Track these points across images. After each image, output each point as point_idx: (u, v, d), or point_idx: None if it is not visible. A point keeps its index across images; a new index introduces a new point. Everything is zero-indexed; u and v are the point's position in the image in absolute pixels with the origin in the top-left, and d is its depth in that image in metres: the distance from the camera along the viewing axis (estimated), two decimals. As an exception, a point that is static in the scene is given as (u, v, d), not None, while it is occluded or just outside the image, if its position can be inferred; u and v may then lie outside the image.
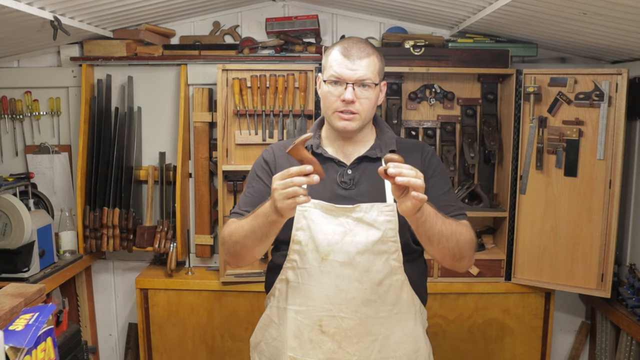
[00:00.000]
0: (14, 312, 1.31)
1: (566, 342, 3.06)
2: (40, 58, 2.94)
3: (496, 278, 2.72)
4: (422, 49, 2.65)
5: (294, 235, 1.56)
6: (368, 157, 1.60)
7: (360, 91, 1.52)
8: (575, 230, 2.58)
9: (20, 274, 2.45)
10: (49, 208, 2.85)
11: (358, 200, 1.54)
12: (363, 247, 1.52)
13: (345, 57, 1.52)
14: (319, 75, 1.61)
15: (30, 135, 2.98)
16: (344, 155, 1.62)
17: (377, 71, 1.54)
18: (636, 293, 2.48)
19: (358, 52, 1.52)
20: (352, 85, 1.51)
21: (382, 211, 1.53)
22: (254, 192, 1.63)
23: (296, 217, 1.53)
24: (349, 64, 1.51)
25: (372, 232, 1.52)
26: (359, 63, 1.51)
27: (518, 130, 2.62)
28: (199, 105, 2.83)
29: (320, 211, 1.54)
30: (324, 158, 1.58)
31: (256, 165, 1.67)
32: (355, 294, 1.53)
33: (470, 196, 2.79)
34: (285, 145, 1.59)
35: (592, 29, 2.16)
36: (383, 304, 1.55)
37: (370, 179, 1.57)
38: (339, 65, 1.52)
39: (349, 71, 1.51)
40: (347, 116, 1.53)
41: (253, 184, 1.65)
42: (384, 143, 1.62)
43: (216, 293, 2.79)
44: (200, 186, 2.87)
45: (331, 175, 1.57)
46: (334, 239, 1.52)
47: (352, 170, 1.58)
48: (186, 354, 2.85)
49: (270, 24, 2.81)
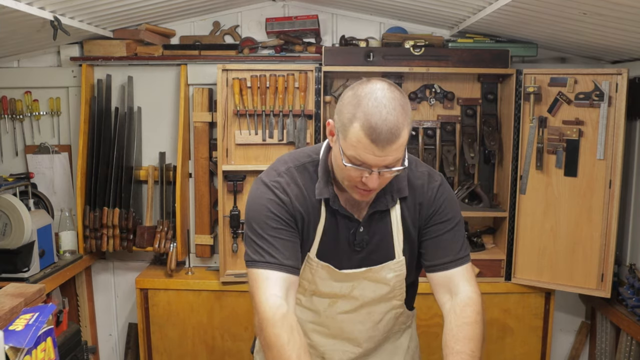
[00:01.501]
0: (14, 312, 1.31)
1: (566, 342, 3.06)
2: (40, 58, 2.94)
3: (496, 278, 2.72)
4: (422, 49, 2.65)
5: (300, 281, 1.44)
6: (379, 210, 1.42)
7: (385, 172, 1.26)
8: (575, 230, 2.58)
9: (20, 274, 2.45)
10: (49, 208, 2.85)
11: (369, 259, 1.45)
12: (370, 300, 1.51)
13: (373, 142, 1.19)
14: (331, 122, 1.31)
15: (30, 135, 2.98)
16: (355, 208, 1.42)
17: (405, 144, 1.25)
18: (636, 293, 2.48)
19: (389, 136, 1.18)
20: (378, 170, 1.24)
21: (392, 269, 1.46)
22: (282, 235, 1.35)
23: (303, 266, 1.44)
24: (376, 151, 1.20)
25: (380, 286, 1.49)
26: (389, 149, 1.20)
27: (518, 130, 2.62)
28: (199, 105, 2.83)
29: (328, 273, 1.46)
30: (339, 214, 1.40)
31: (267, 210, 1.36)
32: (359, 334, 1.55)
33: (470, 196, 2.79)
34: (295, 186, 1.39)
35: (592, 29, 2.16)
36: (381, 335, 1.59)
37: (380, 233, 1.44)
38: (364, 150, 1.20)
39: (376, 158, 1.21)
40: (367, 193, 1.31)
41: (273, 224, 1.35)
42: (395, 189, 1.41)
43: (216, 293, 2.79)
44: (200, 186, 2.87)
45: (344, 233, 1.42)
46: (341, 292, 1.50)
47: (363, 228, 1.42)
48: (186, 354, 2.85)
49: (270, 24, 2.81)
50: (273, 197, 1.36)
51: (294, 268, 1.34)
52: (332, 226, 1.41)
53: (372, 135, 1.18)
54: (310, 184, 1.40)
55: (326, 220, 1.40)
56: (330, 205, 1.38)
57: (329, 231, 1.42)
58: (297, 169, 1.41)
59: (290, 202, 1.37)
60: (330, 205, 1.39)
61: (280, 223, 1.35)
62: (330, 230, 1.41)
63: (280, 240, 1.34)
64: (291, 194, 1.38)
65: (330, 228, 1.41)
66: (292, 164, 1.42)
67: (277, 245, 1.33)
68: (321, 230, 1.41)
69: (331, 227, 1.41)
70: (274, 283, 1.31)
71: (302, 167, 1.42)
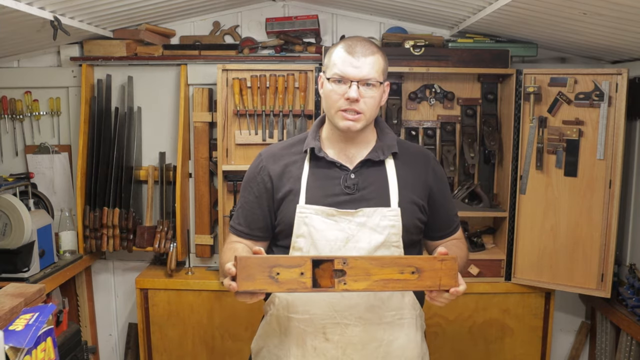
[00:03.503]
0: (14, 312, 1.31)
1: (566, 342, 3.06)
2: (40, 58, 2.94)
3: (496, 278, 2.72)
4: (422, 49, 2.65)
5: (294, 242, 1.53)
6: (371, 160, 1.56)
7: (364, 90, 1.47)
8: (575, 230, 2.58)
9: (20, 274, 2.45)
10: (49, 208, 2.85)
11: (361, 206, 1.51)
12: (366, 253, 1.49)
13: (349, 54, 1.47)
14: (321, 75, 1.57)
15: (30, 135, 2.98)
16: (346, 158, 1.57)
17: (381, 70, 1.50)
18: (636, 293, 2.48)
19: (363, 50, 1.47)
20: (357, 83, 1.46)
21: (386, 216, 1.50)
22: (246, 206, 1.63)
23: (296, 223, 1.51)
24: (353, 62, 1.46)
25: (375, 236, 1.50)
26: (363, 60, 1.46)
27: (518, 130, 2.62)
28: (199, 105, 2.83)
29: (322, 217, 1.51)
30: (326, 162, 1.55)
31: (250, 174, 1.64)
32: (359, 300, 1.52)
33: (470, 196, 2.79)
34: (278, 149, 1.63)
35: (592, 29, 2.16)
36: (386, 309, 1.54)
37: (374, 183, 1.54)
38: (343, 63, 1.47)
39: (353, 69, 1.46)
40: (352, 116, 1.49)
41: (245, 194, 1.64)
42: (386, 145, 1.58)
43: (216, 293, 2.79)
44: (200, 186, 2.87)
45: (334, 180, 1.54)
46: (336, 246, 1.50)
47: (355, 175, 1.54)
48: (186, 354, 2.85)
49: (270, 24, 2.81)
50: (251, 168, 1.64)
51: (245, 234, 1.63)
52: (318, 173, 1.55)
53: (349, 48, 1.48)
54: (298, 147, 1.61)
55: (310, 168, 1.56)
56: (315, 153, 1.55)
57: (316, 177, 1.55)
58: (287, 141, 1.67)
59: (264, 166, 1.60)
60: (316, 154, 1.55)
61: (251, 194, 1.61)
62: (317, 177, 1.55)
63: (244, 212, 1.63)
64: (267, 159, 1.61)
65: (316, 175, 1.55)
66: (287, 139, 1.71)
67: (240, 215, 1.64)
68: (305, 177, 1.55)
69: (318, 174, 1.55)
70: (231, 238, 1.66)
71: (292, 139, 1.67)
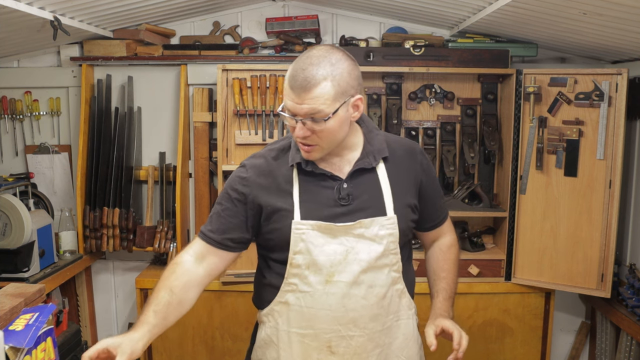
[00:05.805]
0: (14, 312, 1.31)
1: (566, 342, 3.06)
2: (40, 58, 2.94)
3: (496, 278, 2.72)
4: (422, 49, 2.65)
5: (291, 259, 1.47)
6: (363, 168, 1.49)
7: (312, 125, 1.34)
8: (575, 230, 2.58)
9: (20, 274, 2.45)
10: (49, 208, 2.85)
11: (357, 216, 1.46)
12: (366, 265, 1.47)
13: (291, 88, 1.33)
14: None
15: (30, 135, 2.98)
16: (335, 167, 1.49)
17: (331, 99, 1.32)
18: (636, 293, 2.48)
19: (304, 83, 1.31)
20: (302, 120, 1.34)
21: (384, 225, 1.47)
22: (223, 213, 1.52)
23: (293, 240, 1.45)
24: (294, 98, 1.32)
25: (374, 247, 1.48)
26: (304, 96, 1.31)
27: (518, 130, 2.62)
28: (199, 105, 2.83)
29: (319, 232, 1.46)
30: (315, 175, 1.47)
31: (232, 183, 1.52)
32: (363, 312, 1.50)
33: (470, 196, 2.79)
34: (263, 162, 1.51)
35: (592, 29, 2.16)
36: (387, 315, 1.54)
37: (367, 191, 1.49)
38: (287, 97, 1.35)
39: (295, 105, 1.33)
40: (307, 148, 1.40)
41: (223, 202, 1.52)
42: (376, 149, 1.50)
43: (216, 293, 2.78)
44: (200, 186, 2.87)
45: (326, 192, 1.47)
46: (337, 260, 1.47)
47: (348, 184, 1.47)
48: (186, 354, 2.85)
49: (270, 24, 2.81)
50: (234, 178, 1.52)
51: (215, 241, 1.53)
52: (310, 187, 1.47)
53: (290, 81, 1.33)
54: (283, 159, 1.50)
55: (300, 183, 1.47)
56: (303, 168, 1.47)
57: (308, 192, 1.47)
58: (271, 151, 1.53)
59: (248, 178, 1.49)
60: (304, 168, 1.47)
61: (229, 202, 1.50)
62: (309, 191, 1.47)
63: (219, 218, 1.52)
64: (253, 171, 1.50)
65: (308, 189, 1.47)
66: (269, 147, 1.56)
67: (214, 221, 1.53)
68: (297, 193, 1.47)
69: (309, 188, 1.47)
70: (193, 247, 1.58)
71: (276, 149, 1.54)
